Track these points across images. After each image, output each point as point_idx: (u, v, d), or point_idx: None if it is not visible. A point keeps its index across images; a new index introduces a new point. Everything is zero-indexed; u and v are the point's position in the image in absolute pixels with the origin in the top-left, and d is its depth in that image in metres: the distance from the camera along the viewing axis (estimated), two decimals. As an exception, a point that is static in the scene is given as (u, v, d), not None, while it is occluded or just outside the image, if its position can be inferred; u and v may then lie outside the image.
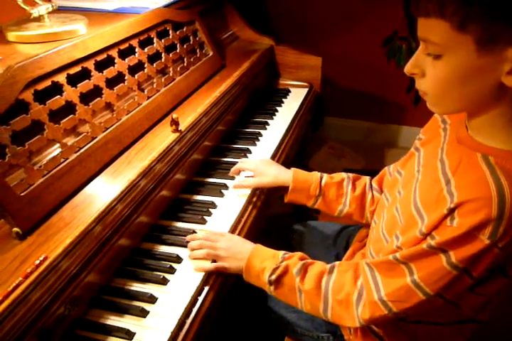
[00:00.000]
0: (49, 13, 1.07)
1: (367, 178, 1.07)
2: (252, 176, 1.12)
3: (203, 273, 0.88)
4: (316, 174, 1.08)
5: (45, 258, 0.70)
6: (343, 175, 1.07)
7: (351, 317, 0.78)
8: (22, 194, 0.77)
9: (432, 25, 0.64)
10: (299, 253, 0.88)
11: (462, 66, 0.64)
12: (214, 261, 0.91)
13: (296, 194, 1.07)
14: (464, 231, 0.64)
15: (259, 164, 1.13)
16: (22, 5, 1.03)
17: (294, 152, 1.45)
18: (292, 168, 1.10)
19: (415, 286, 0.70)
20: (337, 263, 0.85)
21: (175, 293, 0.84)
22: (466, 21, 0.60)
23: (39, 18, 1.06)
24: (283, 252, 0.88)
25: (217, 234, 0.95)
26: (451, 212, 0.66)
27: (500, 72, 0.62)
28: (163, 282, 0.85)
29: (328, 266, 0.84)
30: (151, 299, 0.82)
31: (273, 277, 0.84)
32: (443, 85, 0.68)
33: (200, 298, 0.84)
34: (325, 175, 1.07)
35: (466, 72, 0.64)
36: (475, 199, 0.64)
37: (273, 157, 1.26)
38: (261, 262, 0.87)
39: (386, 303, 0.73)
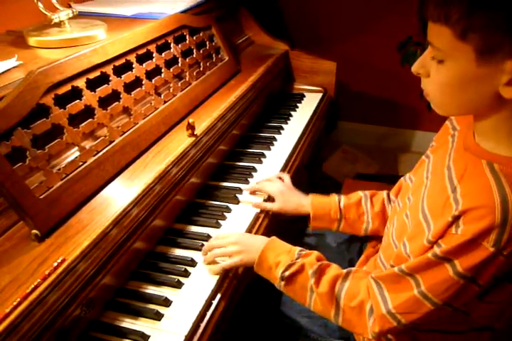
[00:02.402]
0: (69, 18, 1.09)
1: (384, 193, 1.07)
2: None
3: (217, 277, 0.88)
4: (334, 197, 1.07)
5: (63, 261, 0.71)
6: (360, 193, 1.08)
7: (363, 324, 0.78)
8: (41, 196, 0.78)
9: (437, 31, 0.65)
10: (316, 253, 0.88)
11: (462, 73, 0.66)
12: None
13: (318, 221, 1.07)
14: (468, 239, 0.65)
15: (282, 190, 1.11)
16: (43, 11, 1.05)
17: (308, 157, 1.45)
18: (310, 195, 1.09)
19: (423, 297, 0.70)
20: (353, 269, 0.85)
21: (189, 297, 0.84)
22: (468, 30, 0.61)
23: (59, 24, 1.08)
24: (299, 248, 0.88)
25: (227, 233, 0.96)
26: (456, 219, 0.66)
27: (498, 83, 0.63)
28: (178, 285, 0.86)
29: (344, 270, 0.84)
30: (166, 302, 0.82)
31: (286, 273, 0.84)
32: (443, 89, 0.69)
33: (214, 302, 0.85)
34: (342, 197, 1.07)
35: (466, 79, 0.66)
36: (479, 206, 0.64)
37: (287, 162, 1.26)
38: (276, 256, 0.86)
39: (394, 315, 0.73)
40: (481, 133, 0.73)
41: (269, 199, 1.10)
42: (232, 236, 0.93)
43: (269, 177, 1.16)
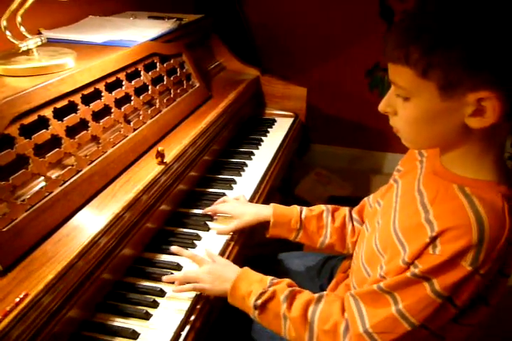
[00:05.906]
0: (38, 46, 1.08)
1: (346, 209, 1.09)
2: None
3: (186, 307, 0.87)
4: (296, 208, 1.09)
5: (26, 295, 0.70)
6: (322, 207, 1.09)
7: None
8: (4, 229, 0.76)
9: (399, 71, 0.68)
10: (287, 280, 0.88)
11: (428, 109, 0.69)
12: None
13: (277, 228, 1.08)
14: (446, 259, 0.66)
15: (235, 205, 1.12)
16: (11, 39, 1.04)
17: (279, 181, 1.46)
18: (271, 204, 1.11)
19: (400, 316, 0.71)
20: (325, 293, 0.85)
21: (158, 328, 0.83)
22: (428, 69, 0.65)
23: (28, 52, 1.07)
24: (271, 277, 0.88)
25: (202, 257, 0.96)
26: (433, 240, 0.68)
27: (464, 114, 0.67)
28: (146, 317, 0.85)
29: (316, 295, 0.84)
30: (134, 335, 0.81)
31: (259, 302, 0.83)
32: (412, 125, 0.73)
33: (183, 333, 0.83)
34: (304, 209, 1.09)
35: (432, 114, 0.69)
36: (456, 226, 0.66)
37: (257, 188, 1.27)
38: (248, 285, 0.86)
39: (372, 335, 0.73)
40: (448, 161, 0.76)
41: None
42: (205, 266, 0.93)
43: (223, 199, 1.16)
